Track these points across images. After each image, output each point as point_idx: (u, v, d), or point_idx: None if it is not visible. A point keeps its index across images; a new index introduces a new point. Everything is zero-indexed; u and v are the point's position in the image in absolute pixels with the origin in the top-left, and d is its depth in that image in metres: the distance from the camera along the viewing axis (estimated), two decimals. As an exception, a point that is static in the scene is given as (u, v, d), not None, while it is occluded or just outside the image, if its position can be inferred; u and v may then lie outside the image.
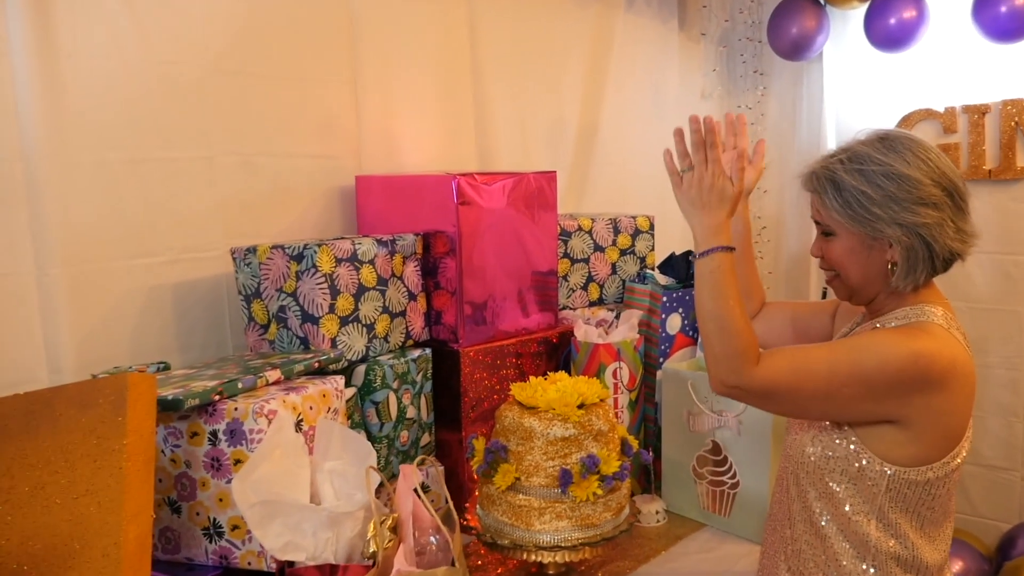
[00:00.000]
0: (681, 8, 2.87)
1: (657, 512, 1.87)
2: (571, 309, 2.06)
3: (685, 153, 1.35)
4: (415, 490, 1.24)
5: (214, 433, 1.23)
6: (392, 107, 2.04)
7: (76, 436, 1.04)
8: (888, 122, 2.75)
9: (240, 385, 1.27)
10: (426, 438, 1.73)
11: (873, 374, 1.18)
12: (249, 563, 1.24)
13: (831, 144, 2.95)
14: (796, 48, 2.81)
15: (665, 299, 2.00)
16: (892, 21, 2.57)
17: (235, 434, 1.22)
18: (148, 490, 1.05)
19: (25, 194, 1.49)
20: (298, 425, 1.27)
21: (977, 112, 2.61)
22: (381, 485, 1.24)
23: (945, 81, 2.68)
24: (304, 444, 1.26)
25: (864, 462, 1.22)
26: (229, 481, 1.22)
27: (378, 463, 1.43)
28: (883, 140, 1.26)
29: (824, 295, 2.74)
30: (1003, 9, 2.40)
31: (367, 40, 1.98)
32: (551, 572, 1.59)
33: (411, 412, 1.67)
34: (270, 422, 1.21)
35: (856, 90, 2.90)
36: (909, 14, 2.56)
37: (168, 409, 1.18)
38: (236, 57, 1.76)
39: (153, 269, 1.66)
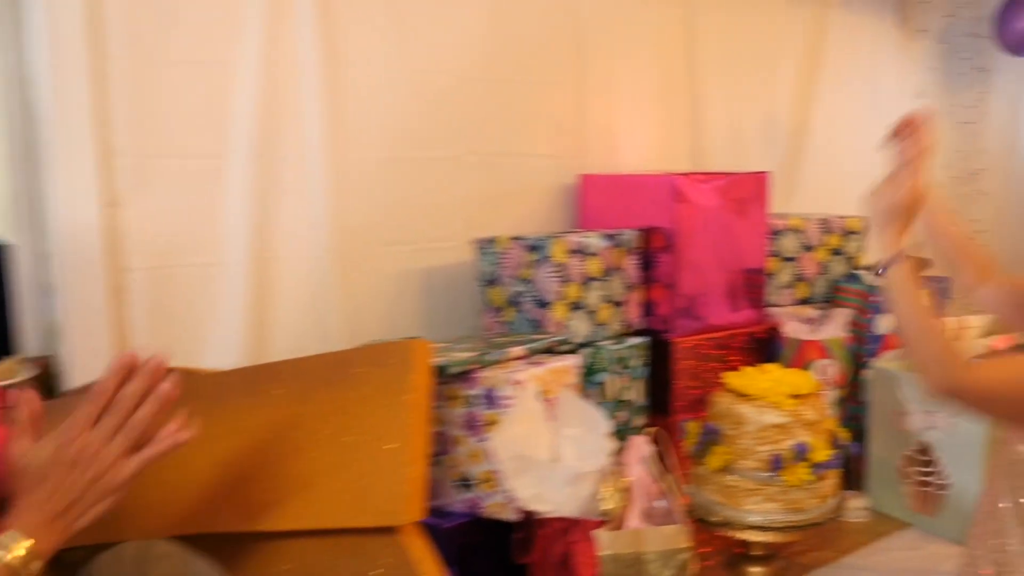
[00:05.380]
0: (899, 3, 2.82)
1: (860, 508, 1.90)
2: (778, 306, 2.12)
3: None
4: (643, 459, 1.38)
5: (470, 398, 1.43)
6: (613, 108, 2.19)
7: (371, 389, 1.25)
8: None
9: (491, 358, 1.46)
10: (639, 420, 1.86)
11: None
12: (495, 512, 1.43)
13: (1060, 145, 2.80)
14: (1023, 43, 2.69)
15: (876, 299, 2.01)
16: None
17: (489, 399, 1.41)
18: (426, 439, 1.24)
19: (306, 187, 1.76)
20: (540, 395, 1.44)
21: None
22: (613, 453, 1.39)
23: None
24: (546, 412, 1.43)
25: None
26: (481, 440, 1.42)
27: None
28: None
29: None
30: None
31: (591, 45, 2.14)
32: (756, 553, 1.68)
33: (627, 395, 1.81)
34: (519, 390, 1.39)
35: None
36: None
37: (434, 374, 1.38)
38: (479, 66, 1.97)
39: (405, 255, 1.90)
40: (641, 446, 1.39)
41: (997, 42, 2.78)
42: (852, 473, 1.96)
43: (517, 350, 1.52)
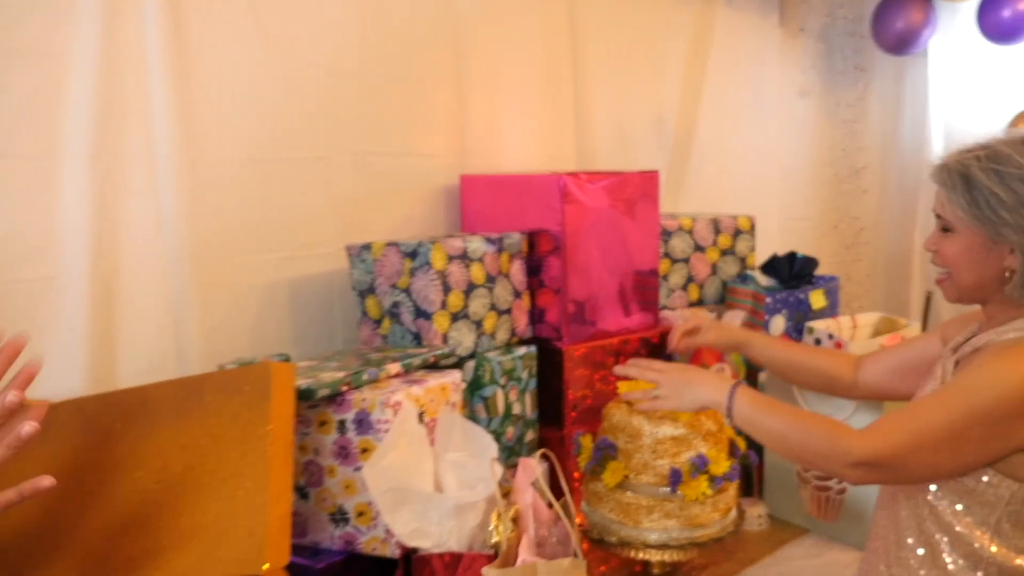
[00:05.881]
0: (781, 3, 2.83)
1: (759, 516, 1.85)
2: (671, 309, 2.06)
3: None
4: (534, 483, 1.27)
5: (342, 422, 1.28)
6: (495, 107, 2.07)
7: (224, 420, 1.10)
8: (999, 121, 2.66)
9: (365, 377, 1.32)
10: (530, 435, 1.75)
11: (992, 411, 1.13)
12: (374, 548, 1.28)
13: (936, 143, 2.87)
14: (901, 42, 2.74)
15: (769, 300, 1.98)
16: (1007, 13, 2.49)
17: (363, 424, 1.27)
18: (289, 473, 1.10)
19: (155, 190, 1.57)
20: (420, 416, 1.31)
21: (1097, 109, 2.51)
22: (501, 478, 1.27)
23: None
24: (427, 435, 1.30)
25: (986, 479, 1.18)
26: (356, 469, 1.27)
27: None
28: None
29: (927, 301, 2.65)
30: None
31: (471, 41, 2.02)
32: (656, 571, 1.60)
33: (517, 408, 1.70)
34: (395, 413, 1.26)
35: (964, 86, 2.82)
36: (1025, 6, 2.48)
37: (300, 399, 1.23)
38: (350, 60, 1.82)
39: (271, 265, 1.73)
40: (531, 468, 1.28)
41: (875, 41, 2.83)
42: (750, 481, 1.92)
43: (394, 366, 1.38)
